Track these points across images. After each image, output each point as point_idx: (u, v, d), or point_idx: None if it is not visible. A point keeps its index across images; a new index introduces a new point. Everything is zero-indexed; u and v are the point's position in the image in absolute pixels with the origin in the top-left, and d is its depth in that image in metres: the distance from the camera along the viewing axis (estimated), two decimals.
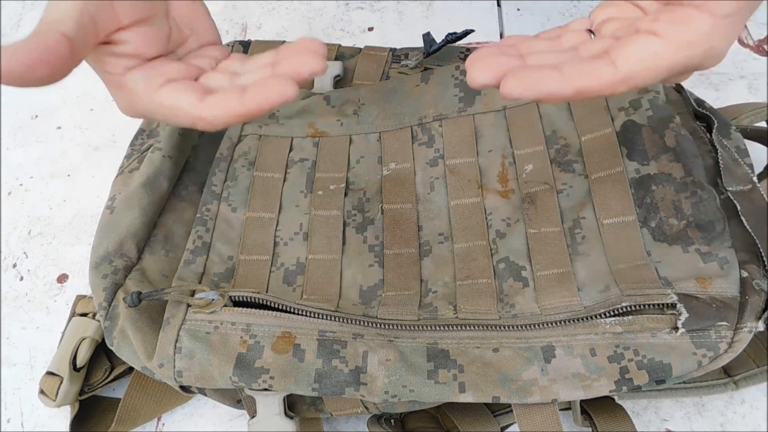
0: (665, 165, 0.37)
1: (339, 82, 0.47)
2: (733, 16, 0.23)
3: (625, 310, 0.32)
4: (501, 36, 0.59)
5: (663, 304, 0.32)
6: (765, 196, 0.34)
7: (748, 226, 0.33)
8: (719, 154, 0.35)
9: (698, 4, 0.23)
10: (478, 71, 0.24)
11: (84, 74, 0.65)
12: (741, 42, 0.55)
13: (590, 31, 0.28)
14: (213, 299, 0.34)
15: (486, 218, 0.38)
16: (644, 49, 0.23)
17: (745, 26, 0.56)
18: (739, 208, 0.34)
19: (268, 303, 0.35)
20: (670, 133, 0.37)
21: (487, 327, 0.33)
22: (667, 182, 0.36)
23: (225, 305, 0.34)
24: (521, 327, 0.33)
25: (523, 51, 0.26)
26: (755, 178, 0.35)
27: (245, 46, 0.48)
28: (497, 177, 0.40)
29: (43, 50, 0.23)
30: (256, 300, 0.35)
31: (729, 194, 0.34)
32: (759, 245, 0.33)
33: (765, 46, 0.55)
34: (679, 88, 0.40)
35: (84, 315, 0.40)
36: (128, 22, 0.27)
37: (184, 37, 0.32)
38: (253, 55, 0.29)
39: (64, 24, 0.24)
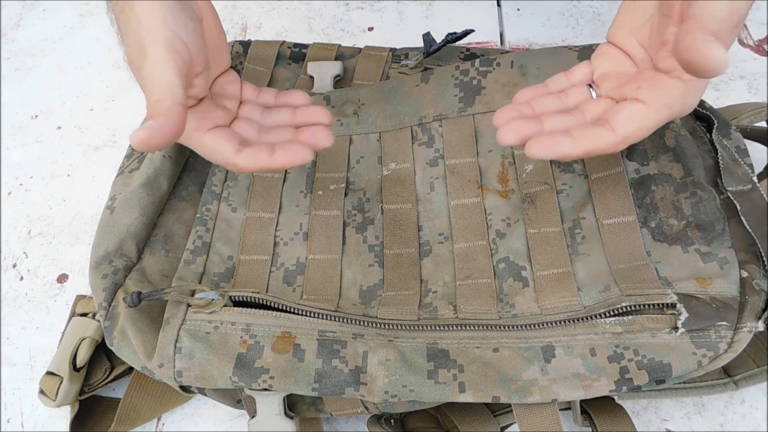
0: (665, 165, 0.37)
1: (339, 82, 0.47)
2: (696, 79, 0.28)
3: (624, 310, 0.32)
4: (501, 36, 0.59)
5: (663, 304, 0.32)
6: (765, 196, 0.34)
7: (748, 226, 0.33)
8: (719, 154, 0.35)
9: (670, 71, 0.29)
10: (507, 134, 0.31)
11: (84, 74, 0.65)
12: (741, 42, 0.55)
13: (590, 85, 0.34)
14: (213, 299, 0.34)
15: (486, 218, 0.38)
16: (635, 116, 0.30)
17: (745, 26, 0.56)
18: (738, 208, 0.34)
19: (268, 303, 0.35)
20: (670, 134, 0.37)
21: (487, 327, 0.33)
22: (666, 182, 0.36)
23: (225, 305, 0.34)
24: (521, 327, 0.33)
25: (538, 110, 0.33)
26: (755, 178, 0.35)
27: (245, 46, 0.48)
28: (497, 177, 0.40)
29: (177, 124, 0.28)
30: (256, 300, 0.35)
31: (729, 194, 0.34)
32: (759, 245, 0.33)
33: (765, 46, 0.55)
34: None
35: (84, 315, 0.40)
36: (199, 70, 0.32)
37: (214, 69, 0.36)
38: (263, 92, 0.37)
39: (178, 95, 0.29)
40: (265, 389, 0.33)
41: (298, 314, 0.34)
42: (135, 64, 0.30)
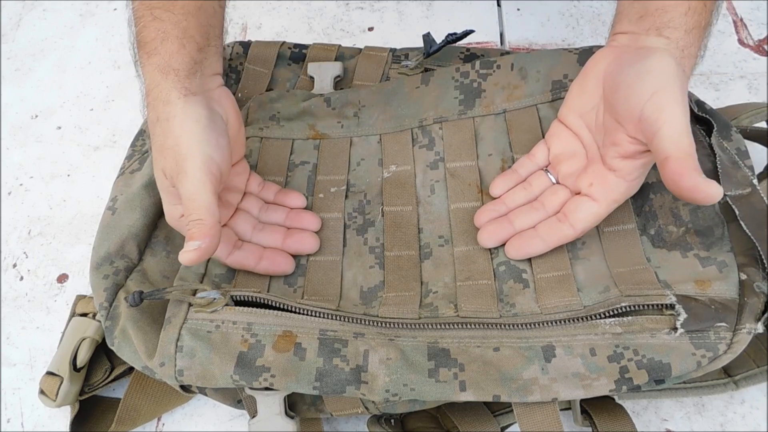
0: None
1: (339, 82, 0.47)
2: (639, 177, 0.34)
3: (624, 310, 0.32)
4: (501, 36, 0.59)
5: (662, 305, 0.32)
6: (765, 198, 0.34)
7: (747, 230, 0.33)
8: (717, 158, 0.36)
9: (617, 170, 0.34)
10: (488, 240, 0.37)
11: (84, 74, 0.65)
12: (741, 42, 0.55)
13: (546, 169, 0.39)
14: (214, 298, 0.34)
15: None
16: (589, 213, 0.35)
17: (745, 26, 0.56)
18: (737, 212, 0.34)
19: (270, 302, 0.35)
20: None
21: (487, 326, 0.34)
22: (665, 190, 0.36)
23: (226, 304, 0.34)
24: (521, 326, 0.33)
25: (510, 204, 0.38)
26: (755, 181, 0.35)
27: (245, 47, 0.48)
28: None
29: (218, 240, 0.32)
30: (258, 299, 0.35)
31: (727, 199, 0.34)
32: (759, 248, 0.33)
33: (765, 46, 0.55)
34: None
35: (84, 315, 0.40)
36: (225, 180, 0.36)
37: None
38: (266, 187, 0.41)
39: (216, 214, 0.32)
40: (266, 388, 0.33)
41: (299, 313, 0.34)
42: (172, 177, 0.33)
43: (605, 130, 0.35)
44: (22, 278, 0.49)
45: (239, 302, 0.35)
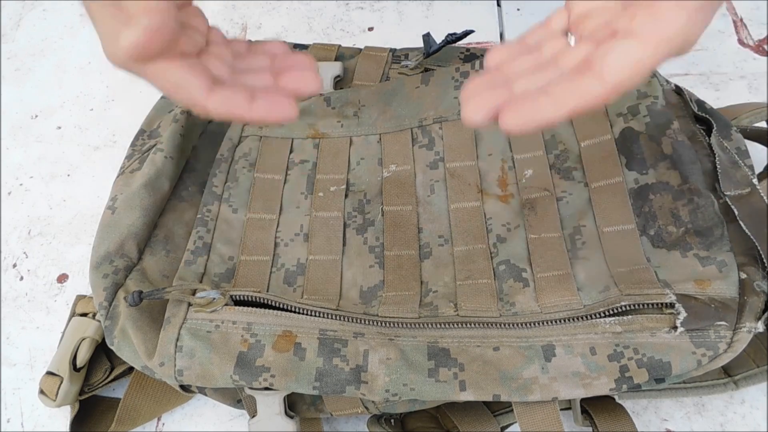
0: (663, 173, 0.37)
1: (339, 82, 0.47)
2: (705, 8, 0.23)
3: (624, 309, 0.32)
4: (501, 36, 0.59)
5: (662, 304, 0.32)
6: (765, 197, 0.34)
7: (746, 230, 0.33)
8: (717, 158, 0.36)
9: None
10: (472, 111, 0.24)
11: (84, 74, 0.65)
12: (741, 42, 0.55)
13: (568, 32, 0.28)
14: (214, 298, 0.34)
15: (486, 223, 0.39)
16: (627, 56, 0.23)
17: (745, 26, 0.56)
18: (736, 212, 0.34)
19: (269, 302, 0.35)
20: (667, 141, 0.37)
21: (487, 325, 0.34)
22: (664, 191, 0.36)
23: (226, 304, 0.34)
24: (521, 325, 0.33)
25: (510, 73, 0.26)
26: (755, 180, 0.35)
27: None
28: (497, 181, 0.40)
29: (171, 26, 0.23)
30: (257, 299, 0.35)
31: (727, 199, 0.34)
32: (758, 247, 0.33)
33: (765, 46, 0.55)
34: (679, 90, 0.40)
35: (84, 315, 0.40)
36: None
37: None
38: (234, 41, 0.30)
39: None
40: (266, 388, 0.33)
41: (299, 313, 0.34)
42: None
43: None
44: (22, 278, 0.49)
45: (239, 302, 0.35)
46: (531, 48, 0.28)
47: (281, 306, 0.34)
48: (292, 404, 0.36)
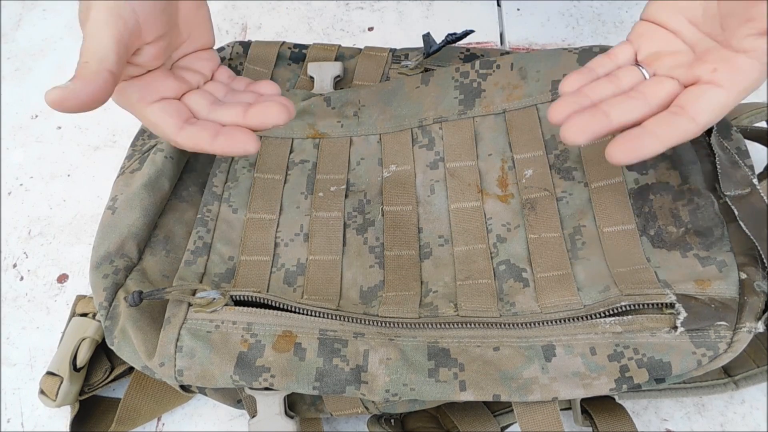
0: (663, 173, 0.37)
1: (339, 82, 0.47)
2: None
3: (624, 309, 0.32)
4: (501, 36, 0.59)
5: (662, 304, 0.32)
6: (765, 197, 0.34)
7: (746, 230, 0.33)
8: (717, 158, 0.36)
9: (750, 51, 0.28)
10: (576, 133, 0.29)
11: None
12: None
13: (638, 64, 0.32)
14: (214, 298, 0.34)
15: (486, 222, 0.39)
16: (715, 103, 0.28)
17: None
18: (736, 213, 0.34)
19: (269, 302, 0.35)
20: None
21: (487, 325, 0.34)
22: (664, 191, 0.36)
23: (226, 304, 0.34)
24: (521, 325, 0.33)
25: (593, 96, 0.30)
26: (755, 180, 0.35)
27: (245, 47, 0.48)
28: (497, 181, 0.40)
29: (97, 92, 0.27)
30: (257, 299, 0.35)
31: (727, 199, 0.34)
32: (759, 248, 0.33)
33: None
34: None
35: (84, 315, 0.40)
36: (150, 40, 0.31)
37: (181, 41, 0.35)
38: (237, 79, 0.36)
39: (108, 61, 0.28)
40: (266, 388, 0.33)
41: (299, 313, 0.34)
42: (81, 24, 0.30)
43: (727, 13, 0.29)
44: (22, 278, 0.49)
45: (239, 302, 0.35)
46: (599, 75, 0.32)
47: (281, 306, 0.34)
48: (292, 404, 0.36)
